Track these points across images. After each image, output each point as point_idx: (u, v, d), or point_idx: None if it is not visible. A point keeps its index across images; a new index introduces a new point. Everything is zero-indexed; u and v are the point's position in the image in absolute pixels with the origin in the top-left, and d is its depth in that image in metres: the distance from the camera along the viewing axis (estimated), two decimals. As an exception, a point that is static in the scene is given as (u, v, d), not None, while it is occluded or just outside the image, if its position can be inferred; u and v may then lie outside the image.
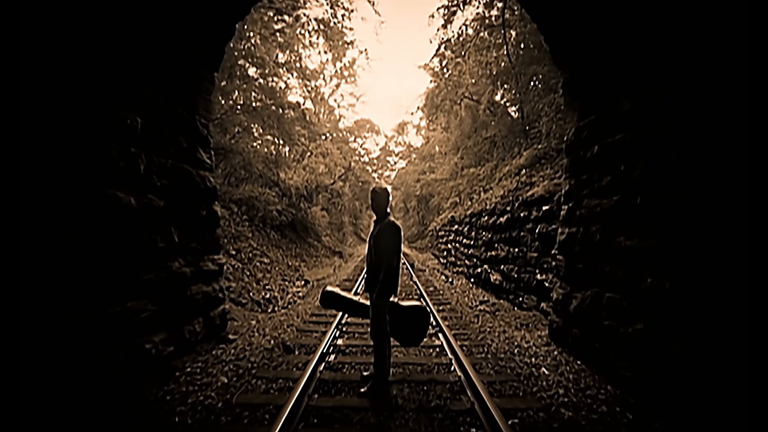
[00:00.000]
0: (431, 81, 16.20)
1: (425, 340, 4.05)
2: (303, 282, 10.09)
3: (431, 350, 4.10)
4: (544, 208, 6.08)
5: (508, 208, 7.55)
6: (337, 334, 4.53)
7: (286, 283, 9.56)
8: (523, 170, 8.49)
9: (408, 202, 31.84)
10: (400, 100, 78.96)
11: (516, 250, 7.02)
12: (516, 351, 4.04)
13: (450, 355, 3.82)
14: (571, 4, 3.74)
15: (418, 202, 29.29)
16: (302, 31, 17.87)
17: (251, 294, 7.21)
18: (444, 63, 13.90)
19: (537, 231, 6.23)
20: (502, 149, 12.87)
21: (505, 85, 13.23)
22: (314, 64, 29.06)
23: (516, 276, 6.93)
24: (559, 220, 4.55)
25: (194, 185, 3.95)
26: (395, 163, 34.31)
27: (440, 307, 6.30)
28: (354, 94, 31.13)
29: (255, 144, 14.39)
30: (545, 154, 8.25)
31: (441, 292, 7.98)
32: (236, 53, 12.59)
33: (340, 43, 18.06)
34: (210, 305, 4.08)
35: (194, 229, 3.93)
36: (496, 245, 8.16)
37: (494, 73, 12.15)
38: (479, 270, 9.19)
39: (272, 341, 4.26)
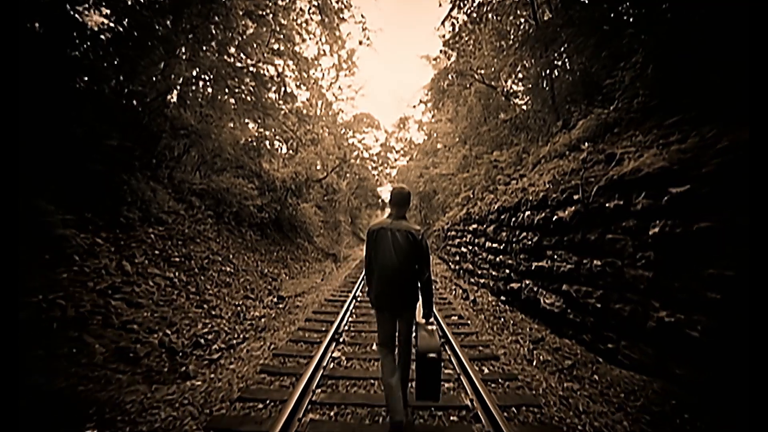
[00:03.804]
0: (442, 52, 13.19)
1: None
2: (275, 299, 7.19)
3: None
4: (674, 191, 3.18)
5: (576, 197, 4.65)
6: None
7: (249, 302, 6.66)
8: (585, 143, 5.60)
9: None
10: (401, 95, 75.86)
11: (597, 262, 4.12)
12: None
13: None
14: None
15: (421, 201, 26.38)
16: (294, 15, 15.22)
17: (174, 331, 4.32)
18: (456, 29, 10.98)
19: (653, 232, 3.34)
20: (530, 129, 9.98)
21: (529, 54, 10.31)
22: (309, 52, 26.32)
23: (599, 306, 4.04)
24: None
25: None
26: (396, 159, 31.35)
27: (482, 366, 3.40)
28: (353, 87, 28.35)
29: (229, 126, 11.52)
30: (619, 119, 5.36)
31: (469, 324, 5.09)
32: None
33: (336, 20, 15.24)
34: None
35: None
36: (548, 252, 5.26)
37: (526, 32, 9.25)
38: (515, 286, 6.30)
39: None
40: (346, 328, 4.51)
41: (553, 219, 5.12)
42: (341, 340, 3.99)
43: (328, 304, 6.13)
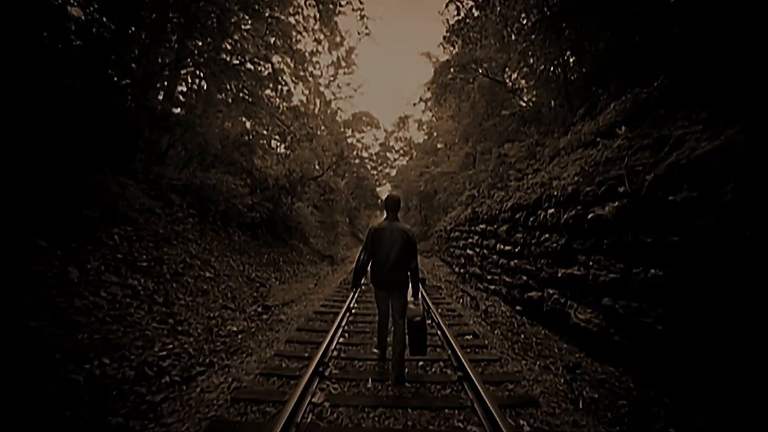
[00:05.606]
0: (445, 38, 12.24)
1: None
2: (260, 308, 6.21)
3: None
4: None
5: (621, 189, 3.69)
6: None
7: (228, 312, 5.68)
8: (622, 128, 4.64)
9: (409, 201, 27.92)
10: (401, 94, 74.86)
11: (656, 271, 3.16)
12: None
13: None
14: None
15: (421, 201, 25.44)
16: (291, 10, 14.25)
17: (117, 357, 3.34)
18: (462, 14, 10.03)
19: None
20: (541, 122, 9.03)
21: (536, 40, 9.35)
22: (307, 47, 25.39)
23: (660, 327, 3.07)
24: None
25: None
26: (395, 159, 30.37)
27: (519, 418, 2.43)
28: (352, 86, 27.45)
29: (219, 120, 10.54)
30: (663, 98, 4.40)
31: (486, 345, 4.11)
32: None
33: (333, 9, 14.26)
34: None
35: None
36: (581, 257, 4.30)
37: (536, 17, 8.32)
38: (534, 295, 5.34)
39: None
40: (335, 354, 3.53)
41: (588, 217, 4.16)
42: (327, 373, 3.01)
43: (317, 318, 5.15)
